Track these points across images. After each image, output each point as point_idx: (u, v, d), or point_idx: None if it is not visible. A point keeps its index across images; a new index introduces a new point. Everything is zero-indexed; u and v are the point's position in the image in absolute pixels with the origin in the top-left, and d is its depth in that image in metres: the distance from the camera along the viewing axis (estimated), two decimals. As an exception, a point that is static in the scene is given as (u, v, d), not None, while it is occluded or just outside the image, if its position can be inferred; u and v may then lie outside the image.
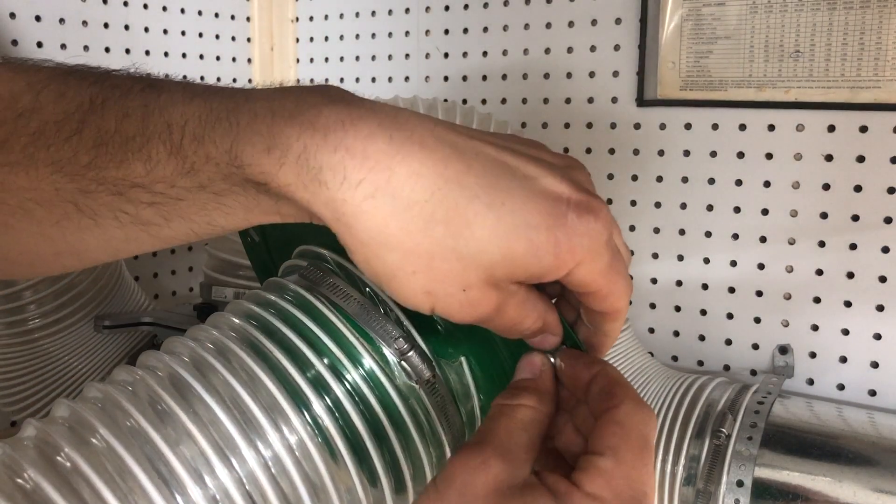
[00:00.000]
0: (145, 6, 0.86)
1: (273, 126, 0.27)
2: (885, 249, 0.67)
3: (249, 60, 0.99)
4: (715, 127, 0.72)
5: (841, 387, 0.70)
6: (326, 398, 0.32)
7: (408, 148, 0.27)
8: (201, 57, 0.93)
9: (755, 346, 0.73)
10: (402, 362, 0.33)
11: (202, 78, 0.93)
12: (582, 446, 0.30)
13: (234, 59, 0.97)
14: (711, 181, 0.73)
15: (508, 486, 0.27)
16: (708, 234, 0.74)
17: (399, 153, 0.27)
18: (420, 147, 0.27)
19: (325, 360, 0.33)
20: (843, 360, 0.69)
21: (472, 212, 0.27)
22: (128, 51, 0.85)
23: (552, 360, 0.32)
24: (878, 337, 0.68)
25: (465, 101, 0.86)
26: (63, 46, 0.79)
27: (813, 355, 0.71)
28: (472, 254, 0.27)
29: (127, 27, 0.84)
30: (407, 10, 0.89)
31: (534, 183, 0.28)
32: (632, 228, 0.78)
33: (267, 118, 0.28)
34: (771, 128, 0.70)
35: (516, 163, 0.29)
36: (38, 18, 0.76)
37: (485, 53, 0.84)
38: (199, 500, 0.29)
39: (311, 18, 0.98)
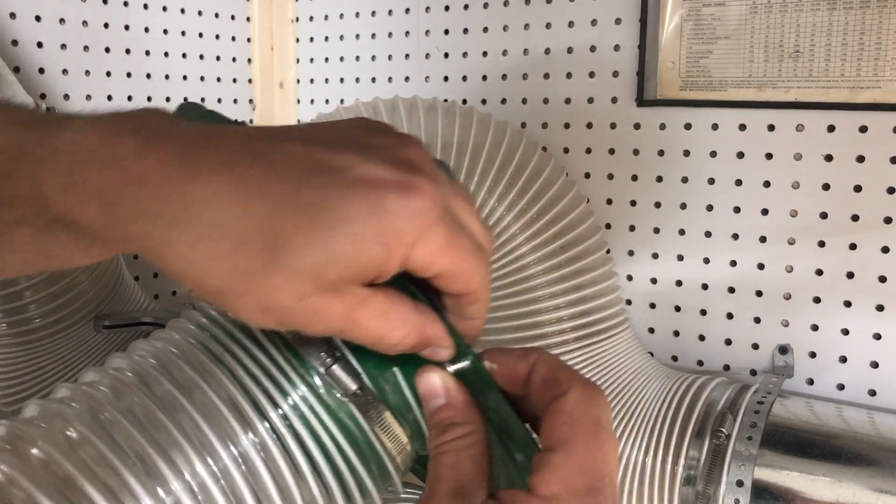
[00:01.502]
0: (145, 6, 0.86)
1: (72, 164, 0.26)
2: (885, 249, 0.67)
3: (249, 60, 0.99)
4: (715, 127, 0.72)
5: (841, 387, 0.70)
6: (265, 420, 0.33)
7: (204, 168, 0.26)
8: (201, 57, 0.93)
9: (755, 346, 0.73)
10: (327, 375, 0.33)
11: (202, 78, 0.93)
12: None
13: (234, 59, 0.97)
14: (711, 181, 0.73)
15: None
16: (708, 234, 0.74)
17: (194, 176, 0.26)
18: (218, 164, 0.26)
19: (259, 377, 0.33)
20: (843, 359, 0.69)
21: (283, 220, 0.26)
22: (128, 51, 0.85)
23: (448, 369, 0.31)
24: (877, 337, 0.68)
25: (464, 101, 0.86)
26: (63, 46, 0.79)
27: (813, 355, 0.71)
28: (293, 263, 0.26)
29: (127, 27, 0.85)
30: (407, 11, 0.89)
31: (346, 174, 0.27)
32: (632, 228, 0.78)
33: (66, 156, 0.27)
34: (771, 128, 0.70)
35: (328, 156, 0.27)
36: (38, 18, 0.76)
37: (485, 53, 0.84)
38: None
39: (312, 18, 0.98)
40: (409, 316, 0.29)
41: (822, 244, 0.69)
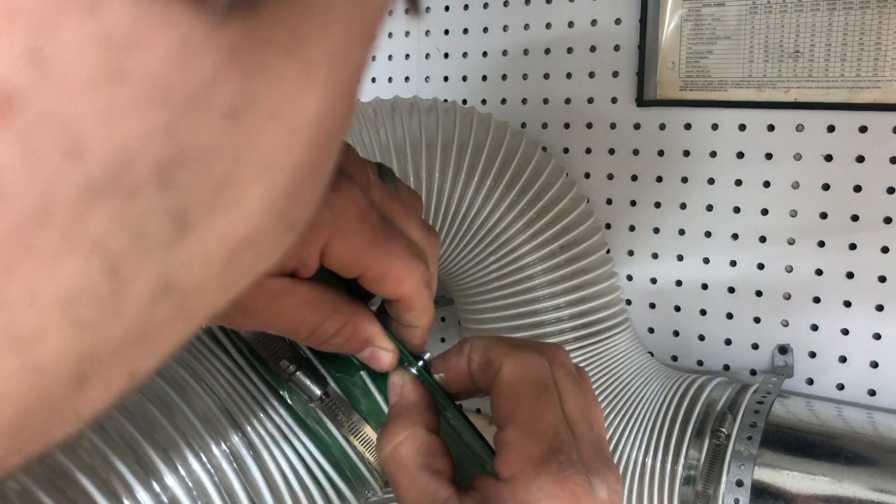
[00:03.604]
0: (145, 6, 0.86)
1: None
2: (885, 249, 0.67)
3: (250, 60, 0.99)
4: (715, 127, 0.72)
5: (840, 386, 0.70)
6: (237, 424, 0.33)
7: None
8: (201, 57, 0.93)
9: (755, 346, 0.73)
10: (291, 382, 0.33)
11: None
12: None
13: (234, 60, 0.97)
14: (711, 181, 0.73)
15: None
16: (708, 234, 0.74)
17: None
18: None
19: (227, 387, 0.33)
20: (843, 359, 0.69)
21: None
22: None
23: (412, 371, 0.31)
24: (877, 337, 0.68)
25: (464, 101, 0.86)
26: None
27: (813, 355, 0.71)
28: None
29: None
30: (407, 11, 0.89)
31: None
32: (632, 228, 0.78)
33: None
34: (771, 128, 0.70)
35: None
36: (38, 19, 0.76)
37: (485, 54, 0.84)
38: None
39: (312, 19, 0.98)
40: (343, 307, 0.29)
41: (821, 244, 0.69)
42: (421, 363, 0.31)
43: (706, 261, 0.75)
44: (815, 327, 0.70)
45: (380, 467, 0.36)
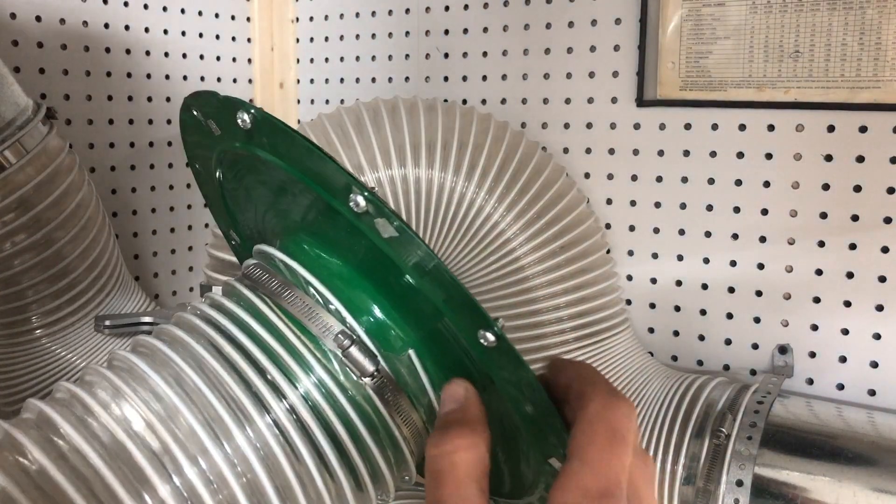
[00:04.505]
0: (145, 6, 0.86)
1: None
2: (885, 249, 0.67)
3: (250, 60, 0.99)
4: (714, 127, 0.73)
5: (840, 386, 0.70)
6: (283, 400, 0.33)
7: None
8: (201, 57, 0.93)
9: (755, 346, 0.73)
10: (344, 357, 0.33)
11: (202, 78, 0.93)
12: None
13: (234, 60, 0.97)
14: (711, 181, 0.73)
15: None
16: (708, 234, 0.74)
17: None
18: None
19: (276, 363, 0.33)
20: (843, 359, 0.69)
21: None
22: (128, 51, 0.85)
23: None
24: (877, 337, 0.68)
25: (464, 101, 0.86)
26: (63, 47, 0.79)
27: (812, 355, 0.71)
28: None
29: (127, 27, 0.85)
30: (407, 11, 0.89)
31: None
32: (632, 228, 0.78)
33: None
34: (770, 128, 0.70)
35: None
36: (38, 19, 0.77)
37: (485, 54, 0.84)
38: (166, 497, 0.29)
39: (311, 19, 0.98)
40: None
41: (821, 244, 0.69)
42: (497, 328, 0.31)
43: (706, 261, 0.75)
44: (815, 327, 0.70)
45: (417, 450, 0.36)
